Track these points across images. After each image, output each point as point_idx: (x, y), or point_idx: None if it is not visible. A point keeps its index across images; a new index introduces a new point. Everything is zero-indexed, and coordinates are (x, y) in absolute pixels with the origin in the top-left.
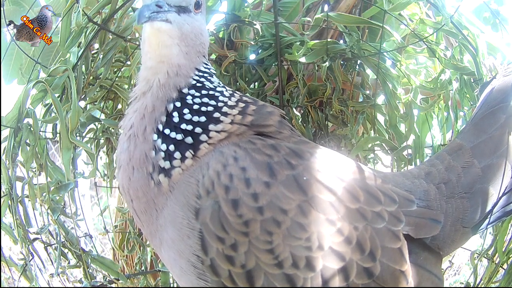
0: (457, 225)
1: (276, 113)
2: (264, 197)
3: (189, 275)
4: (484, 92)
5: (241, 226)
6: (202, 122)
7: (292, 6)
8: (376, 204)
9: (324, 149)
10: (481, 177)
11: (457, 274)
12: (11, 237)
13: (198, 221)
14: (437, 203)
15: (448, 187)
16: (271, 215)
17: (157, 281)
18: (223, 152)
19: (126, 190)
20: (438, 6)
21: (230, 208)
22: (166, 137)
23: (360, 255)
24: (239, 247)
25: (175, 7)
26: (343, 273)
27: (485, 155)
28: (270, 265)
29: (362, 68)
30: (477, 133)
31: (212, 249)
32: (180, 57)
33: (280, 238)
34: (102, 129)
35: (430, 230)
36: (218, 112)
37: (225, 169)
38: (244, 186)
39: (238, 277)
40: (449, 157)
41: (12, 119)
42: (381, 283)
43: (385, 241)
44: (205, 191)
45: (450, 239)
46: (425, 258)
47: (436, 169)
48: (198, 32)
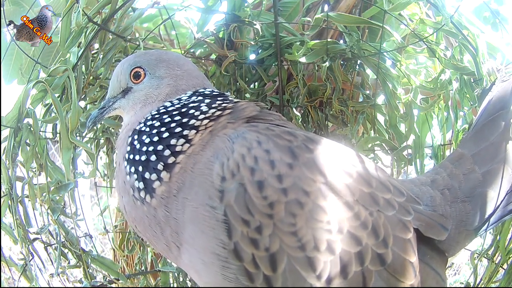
0: (461, 227)
1: (251, 104)
2: (288, 178)
3: (212, 267)
4: (485, 99)
5: (266, 208)
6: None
7: (292, 6)
8: (386, 192)
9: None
10: (482, 182)
11: (457, 274)
12: (11, 237)
13: (222, 203)
14: (442, 208)
15: (451, 193)
16: (295, 197)
17: (157, 281)
18: (246, 138)
19: (127, 217)
20: (438, 6)
21: (256, 189)
22: (132, 161)
23: (375, 241)
24: (263, 230)
25: (119, 94)
26: (359, 257)
27: (486, 161)
28: (293, 248)
29: (362, 68)
30: (478, 141)
31: (236, 232)
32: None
33: (303, 220)
34: (102, 129)
35: (438, 233)
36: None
37: (250, 152)
38: (269, 167)
39: (261, 261)
40: (451, 166)
41: (12, 119)
42: (392, 271)
43: (396, 230)
44: (230, 173)
45: (455, 241)
46: (432, 257)
47: (440, 177)
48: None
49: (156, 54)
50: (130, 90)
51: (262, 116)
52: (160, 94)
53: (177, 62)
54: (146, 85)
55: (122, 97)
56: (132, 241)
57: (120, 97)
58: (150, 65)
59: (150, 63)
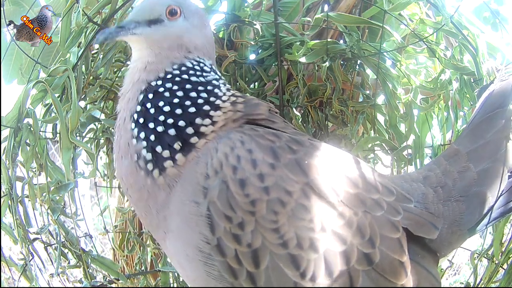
0: (454, 227)
1: (264, 104)
2: (269, 177)
3: (195, 262)
4: (482, 97)
5: (248, 205)
6: (187, 114)
7: (292, 6)
8: (374, 192)
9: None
10: (477, 180)
11: (457, 274)
12: (11, 237)
13: (206, 200)
14: (435, 206)
15: (444, 191)
16: (277, 196)
17: (157, 281)
18: (230, 138)
19: (121, 178)
20: (438, 6)
21: (238, 187)
22: (143, 126)
23: (360, 240)
24: (245, 226)
25: (145, 21)
26: (345, 256)
27: (482, 159)
28: (275, 245)
29: (362, 68)
30: (474, 139)
31: (219, 227)
32: (151, 56)
33: (285, 218)
34: (102, 129)
35: (428, 231)
36: (208, 105)
37: (233, 151)
38: (251, 167)
39: (244, 257)
40: (445, 162)
41: (12, 119)
42: (381, 271)
43: (384, 229)
44: (213, 171)
45: (447, 241)
46: (423, 257)
47: (434, 173)
48: (173, 37)
49: (195, 5)
50: (160, 22)
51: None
52: (190, 42)
53: (208, 23)
54: (179, 26)
55: (147, 25)
56: (132, 241)
57: (144, 24)
58: (189, 10)
59: (189, 8)
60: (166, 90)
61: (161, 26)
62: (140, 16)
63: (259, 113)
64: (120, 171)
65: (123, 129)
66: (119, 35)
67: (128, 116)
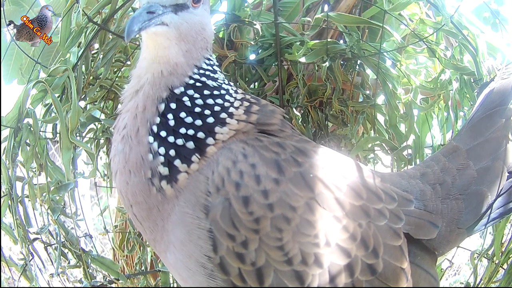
0: (452, 226)
1: (279, 111)
2: (274, 193)
3: (197, 277)
4: (482, 94)
5: (252, 223)
6: (207, 124)
7: (292, 6)
8: (378, 202)
9: (325, 148)
10: (476, 179)
11: (457, 274)
12: (11, 237)
13: (208, 219)
14: (433, 203)
15: (443, 188)
16: (281, 212)
17: (157, 281)
18: (232, 149)
19: (125, 195)
20: (438, 6)
21: (241, 205)
22: (164, 140)
23: (364, 252)
24: (249, 245)
25: (171, 6)
26: (349, 269)
27: (481, 157)
28: (280, 262)
29: (362, 68)
30: (474, 136)
31: (222, 247)
32: (179, 56)
33: (290, 235)
34: (102, 129)
35: (428, 232)
36: (225, 113)
37: (235, 166)
38: (254, 183)
39: (248, 275)
40: (444, 159)
41: (12, 119)
42: (383, 279)
43: (387, 238)
44: (215, 188)
45: (446, 239)
46: (422, 258)
47: (432, 170)
48: (199, 28)
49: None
50: (186, 9)
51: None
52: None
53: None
54: (201, 13)
55: (173, 11)
56: (132, 241)
57: (170, 10)
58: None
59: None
60: (189, 99)
61: (187, 14)
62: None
63: (273, 123)
64: (126, 187)
65: (135, 141)
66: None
67: (144, 128)
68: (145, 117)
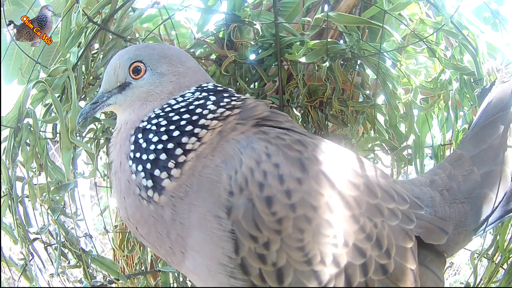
0: (460, 228)
1: (261, 103)
2: (297, 193)
3: (218, 277)
4: (485, 100)
5: (275, 224)
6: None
7: (292, 6)
8: (391, 201)
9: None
10: (480, 183)
11: (457, 274)
12: (11, 237)
13: (229, 219)
14: (442, 209)
15: (450, 194)
16: (303, 212)
17: (157, 281)
18: (255, 148)
19: (128, 220)
20: (438, 6)
21: (264, 206)
22: (139, 159)
23: (378, 252)
24: (271, 246)
25: (115, 89)
26: (363, 269)
27: (485, 163)
28: (300, 262)
29: (362, 68)
30: (477, 143)
31: (244, 248)
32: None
33: (310, 235)
34: (102, 129)
35: (438, 238)
36: (191, 125)
37: (259, 166)
38: (278, 183)
39: (268, 275)
40: (450, 167)
41: (12, 119)
42: (393, 279)
43: (399, 239)
44: (238, 188)
45: (454, 241)
46: (432, 260)
47: (439, 177)
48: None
49: (158, 48)
50: (128, 85)
51: (272, 117)
52: (163, 92)
53: (180, 59)
54: (147, 82)
55: (118, 92)
56: (132, 241)
57: (116, 92)
58: (152, 60)
59: (151, 58)
60: (153, 125)
61: (129, 90)
62: (109, 85)
63: (257, 114)
64: (126, 212)
65: (121, 171)
66: (96, 110)
67: (124, 159)
68: (123, 151)
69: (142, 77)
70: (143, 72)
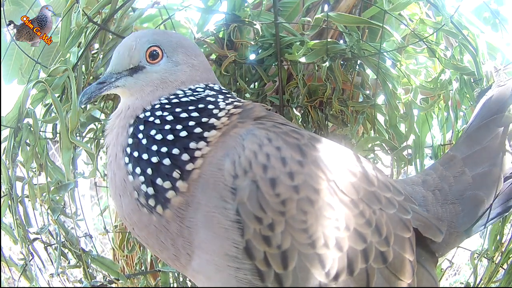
0: (451, 229)
1: (257, 105)
2: (299, 175)
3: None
4: (480, 102)
5: (279, 205)
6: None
7: (292, 6)
8: (387, 191)
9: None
10: (472, 184)
11: (457, 274)
12: (11, 237)
13: (235, 202)
14: (434, 208)
15: (442, 194)
16: (306, 194)
17: (157, 281)
18: (256, 134)
19: (123, 218)
20: (438, 6)
21: (269, 187)
22: (137, 159)
23: (378, 238)
24: (276, 227)
25: (126, 71)
26: (364, 255)
27: (477, 164)
28: (304, 245)
29: (362, 68)
30: (470, 144)
31: (249, 230)
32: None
33: (314, 217)
34: (102, 129)
35: (435, 234)
36: (200, 127)
37: (261, 149)
38: (281, 165)
39: (273, 258)
40: (442, 168)
41: (12, 119)
42: (392, 269)
43: (397, 228)
44: (242, 170)
45: (445, 242)
46: (426, 259)
47: (431, 178)
48: (157, 81)
49: (176, 36)
50: (141, 69)
51: (269, 116)
52: (176, 81)
53: (195, 52)
54: (162, 68)
55: (129, 74)
56: (132, 241)
57: (126, 74)
58: (169, 48)
59: (169, 45)
60: (157, 118)
61: (142, 74)
62: (120, 66)
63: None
64: (121, 210)
65: (116, 165)
66: (102, 91)
67: (119, 151)
68: (119, 141)
69: (158, 62)
70: (160, 58)
